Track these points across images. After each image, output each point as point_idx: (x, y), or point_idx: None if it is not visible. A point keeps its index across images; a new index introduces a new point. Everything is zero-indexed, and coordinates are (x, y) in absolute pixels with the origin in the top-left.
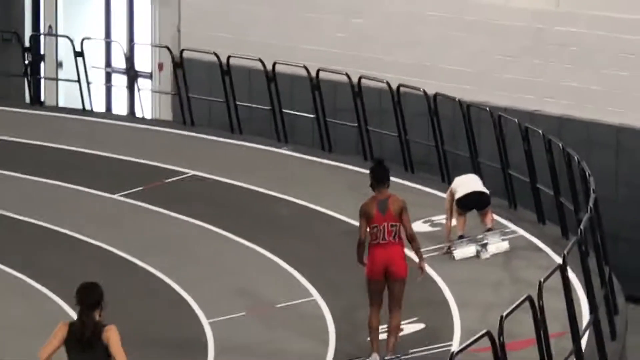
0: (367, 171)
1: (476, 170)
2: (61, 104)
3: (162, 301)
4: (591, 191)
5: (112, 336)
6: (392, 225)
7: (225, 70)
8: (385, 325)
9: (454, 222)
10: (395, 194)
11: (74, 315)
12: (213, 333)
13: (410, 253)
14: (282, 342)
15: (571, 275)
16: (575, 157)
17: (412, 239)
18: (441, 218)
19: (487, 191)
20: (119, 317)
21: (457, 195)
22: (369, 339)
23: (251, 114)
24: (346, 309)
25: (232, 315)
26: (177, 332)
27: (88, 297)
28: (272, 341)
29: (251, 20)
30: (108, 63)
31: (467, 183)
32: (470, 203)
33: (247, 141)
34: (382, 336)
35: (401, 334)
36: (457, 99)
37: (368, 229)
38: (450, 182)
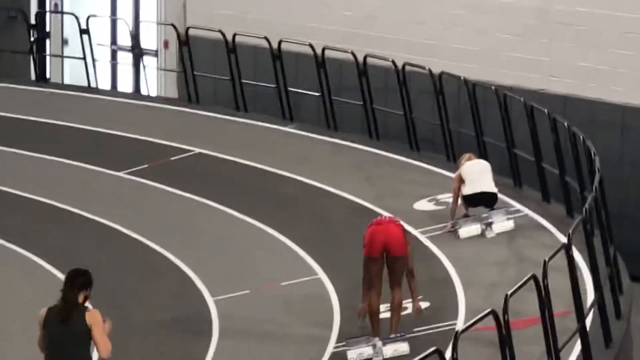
0: (372, 149)
1: (481, 148)
2: (67, 81)
3: (167, 279)
4: (596, 170)
5: (95, 321)
6: (395, 218)
7: (231, 48)
8: (387, 305)
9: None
10: None
11: None
12: (218, 311)
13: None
14: (287, 320)
15: (576, 254)
16: (581, 136)
17: (411, 275)
18: (446, 197)
19: (496, 190)
20: (123, 295)
21: (466, 191)
22: (359, 324)
23: (257, 91)
24: (351, 287)
25: (236, 293)
26: (181, 310)
27: (74, 280)
28: (277, 319)
29: None
30: (114, 40)
31: (478, 179)
32: (479, 202)
33: (252, 119)
34: (384, 316)
35: (405, 312)
36: (462, 78)
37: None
38: (455, 160)
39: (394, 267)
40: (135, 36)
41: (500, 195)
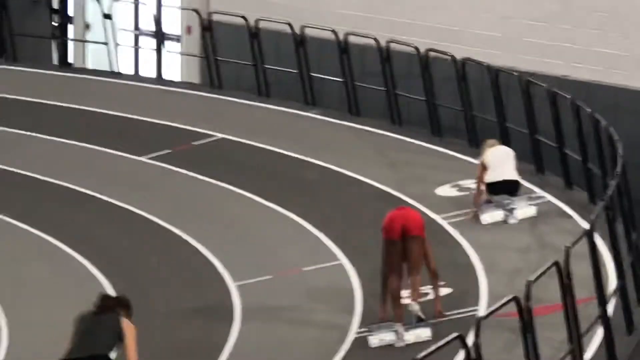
0: (395, 135)
1: (504, 135)
2: (89, 66)
3: (189, 264)
4: (619, 156)
5: (130, 330)
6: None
7: (254, 33)
8: (409, 291)
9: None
10: None
11: (100, 277)
12: (240, 296)
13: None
14: (309, 306)
15: (598, 241)
16: (603, 123)
17: (435, 276)
18: (468, 183)
19: (519, 177)
20: (145, 280)
21: (488, 179)
22: (379, 309)
23: (279, 77)
24: (373, 273)
25: (258, 279)
26: (203, 295)
27: (119, 297)
28: (299, 305)
29: None
30: (136, 25)
31: (500, 167)
32: (501, 189)
33: (275, 104)
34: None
35: (427, 298)
36: (485, 64)
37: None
38: (478, 146)
39: (411, 247)
40: (158, 21)
41: (522, 182)
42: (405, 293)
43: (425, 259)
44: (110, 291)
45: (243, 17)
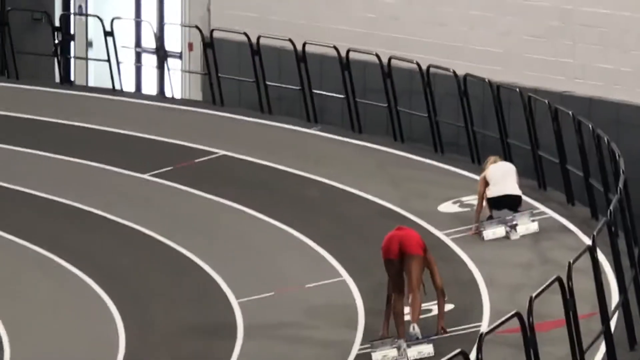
0: (396, 151)
1: (505, 150)
2: (91, 83)
3: (192, 281)
4: (621, 172)
5: None
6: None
7: (255, 50)
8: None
9: (484, 203)
10: None
11: (101, 293)
12: (242, 313)
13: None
14: (311, 323)
15: (600, 256)
16: (605, 138)
17: (442, 295)
18: (470, 199)
19: (520, 192)
20: (148, 296)
21: (490, 194)
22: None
23: (281, 93)
24: (375, 289)
25: (261, 295)
26: (206, 312)
27: None
28: (301, 321)
29: (281, 0)
30: (138, 43)
31: (502, 182)
32: (503, 204)
33: (276, 121)
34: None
35: (429, 315)
36: (486, 80)
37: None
38: (480, 162)
39: (409, 266)
40: (159, 38)
41: (524, 197)
42: (406, 310)
43: (432, 276)
44: (112, 307)
45: (245, 33)
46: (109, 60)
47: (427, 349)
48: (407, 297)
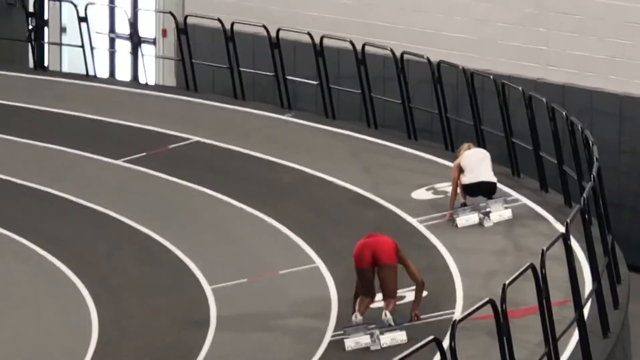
0: (370, 138)
1: (479, 137)
2: (65, 69)
3: (164, 267)
4: (594, 159)
5: None
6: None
7: (229, 36)
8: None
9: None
10: None
11: (74, 279)
12: (215, 299)
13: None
14: (284, 309)
15: (574, 243)
16: (579, 126)
17: (421, 287)
18: (444, 185)
19: (495, 179)
20: (120, 283)
21: (465, 180)
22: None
23: (255, 80)
24: (348, 276)
25: (234, 282)
26: (179, 299)
27: None
28: (274, 308)
29: None
30: (112, 29)
31: (477, 168)
32: (478, 191)
33: (250, 107)
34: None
35: (403, 301)
36: (460, 67)
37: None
38: (453, 149)
39: (384, 276)
40: (133, 24)
41: (498, 185)
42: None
43: (409, 272)
44: (85, 294)
45: (219, 20)
46: (82, 46)
47: (400, 335)
48: (386, 304)
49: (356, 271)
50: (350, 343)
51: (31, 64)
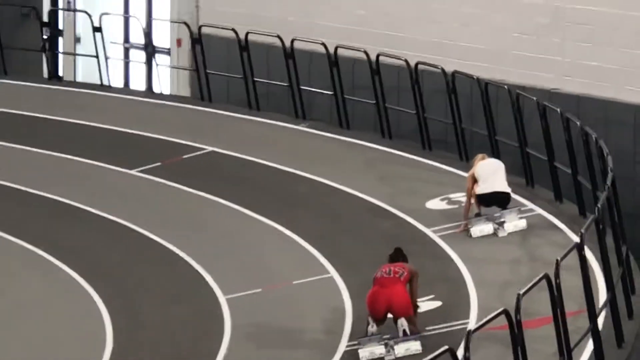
0: (385, 148)
1: (494, 148)
2: (79, 79)
3: (179, 277)
4: (609, 170)
5: None
6: (399, 268)
7: (244, 46)
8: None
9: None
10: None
11: (89, 289)
12: (230, 309)
13: None
14: (299, 319)
15: (588, 253)
16: (593, 136)
17: (414, 306)
18: (458, 196)
19: (509, 189)
20: (136, 293)
21: (479, 191)
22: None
23: (269, 90)
24: (363, 286)
25: (248, 292)
26: (193, 309)
27: None
28: (289, 318)
29: None
30: (126, 38)
31: (491, 179)
32: (492, 201)
33: (264, 118)
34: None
35: (419, 310)
36: (475, 77)
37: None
38: (468, 159)
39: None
40: (148, 34)
41: (512, 195)
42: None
43: (410, 292)
44: (100, 304)
45: (233, 30)
46: (97, 56)
47: (415, 345)
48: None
49: (368, 311)
50: (365, 353)
51: (45, 74)
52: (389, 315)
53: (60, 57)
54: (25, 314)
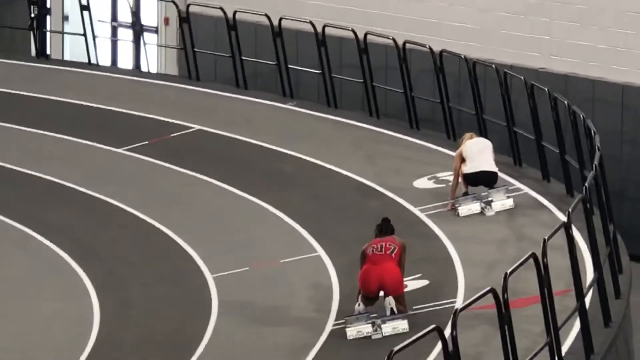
0: (372, 127)
1: (481, 127)
2: (67, 57)
3: (166, 255)
4: (596, 149)
5: None
6: (390, 244)
7: (232, 25)
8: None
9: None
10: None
11: (76, 268)
12: (217, 287)
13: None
14: (286, 298)
15: (576, 233)
16: (581, 115)
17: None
18: (446, 175)
19: (497, 169)
20: (123, 271)
21: (466, 170)
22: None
23: (257, 69)
24: (350, 265)
25: (236, 270)
26: (181, 287)
27: None
28: (276, 296)
29: None
30: (114, 17)
31: (478, 158)
32: (479, 180)
33: (252, 96)
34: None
35: (405, 289)
36: (462, 56)
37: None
38: (455, 138)
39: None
40: (135, 12)
41: (500, 174)
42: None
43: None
44: (87, 283)
45: (221, 8)
46: (84, 34)
47: (402, 324)
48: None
49: (359, 289)
50: (352, 332)
51: (33, 53)
52: (381, 294)
53: (48, 35)
54: (12, 293)
